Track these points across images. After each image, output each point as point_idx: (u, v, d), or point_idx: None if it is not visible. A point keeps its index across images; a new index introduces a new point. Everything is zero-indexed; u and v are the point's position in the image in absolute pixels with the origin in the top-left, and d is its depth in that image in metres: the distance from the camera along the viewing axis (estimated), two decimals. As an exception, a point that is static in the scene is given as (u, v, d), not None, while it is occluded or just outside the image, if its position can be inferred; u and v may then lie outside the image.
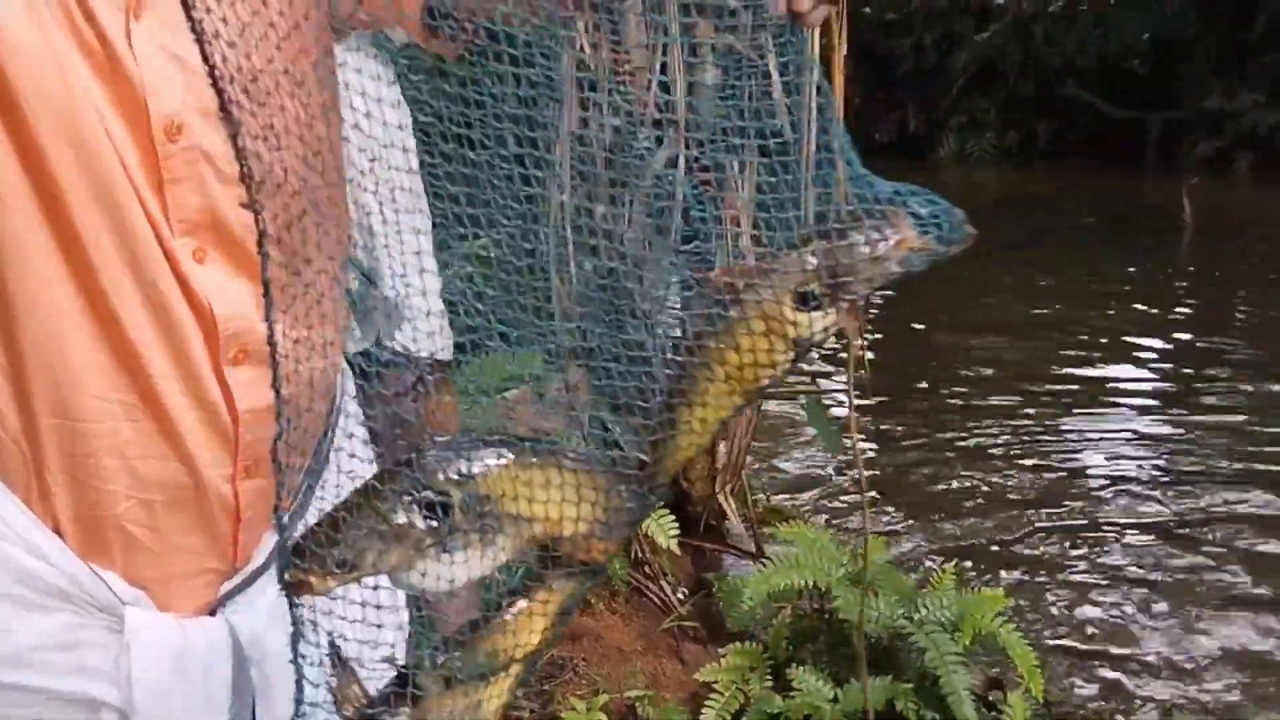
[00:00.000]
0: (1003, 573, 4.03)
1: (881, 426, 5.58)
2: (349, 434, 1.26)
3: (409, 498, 0.88)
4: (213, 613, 1.18)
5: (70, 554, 1.13)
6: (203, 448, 1.11)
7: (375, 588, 1.08)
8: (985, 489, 4.85)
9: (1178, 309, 7.17)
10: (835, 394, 5.53)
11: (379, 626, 1.12)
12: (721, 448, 3.54)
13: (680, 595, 3.30)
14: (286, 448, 1.10)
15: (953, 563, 3.04)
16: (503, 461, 0.93)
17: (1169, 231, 8.66)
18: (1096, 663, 3.50)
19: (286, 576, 0.86)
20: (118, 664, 1.15)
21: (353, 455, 1.24)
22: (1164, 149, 14.53)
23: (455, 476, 0.89)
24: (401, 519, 0.88)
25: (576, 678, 2.79)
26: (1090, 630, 3.70)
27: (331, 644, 1.05)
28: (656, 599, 3.24)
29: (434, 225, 1.33)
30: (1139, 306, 7.16)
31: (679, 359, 1.02)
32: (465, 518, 0.88)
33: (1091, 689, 3.39)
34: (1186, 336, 6.81)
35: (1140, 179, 12.95)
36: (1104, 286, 7.57)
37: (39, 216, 1.03)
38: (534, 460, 0.94)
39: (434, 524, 0.88)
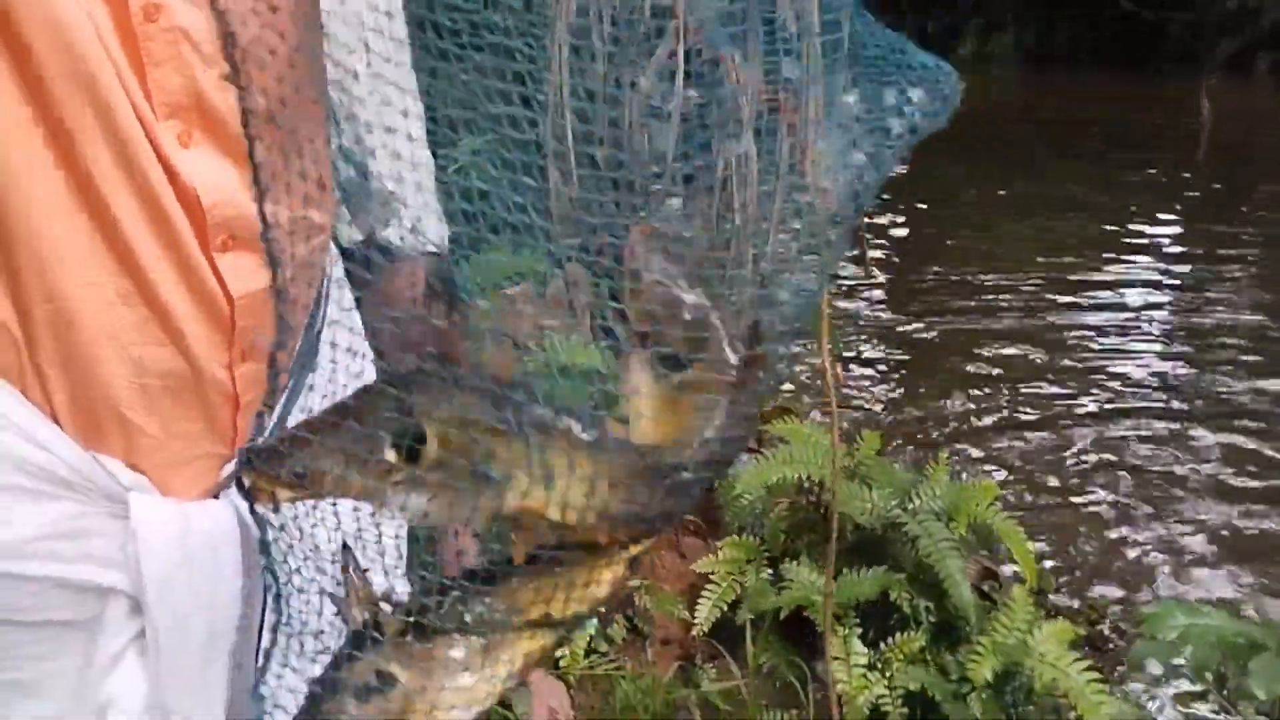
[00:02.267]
0: (997, 465, 4.06)
1: (886, 314, 5.61)
2: (335, 320, 1.27)
3: (384, 429, 0.84)
4: (216, 496, 1.19)
5: (71, 442, 1.13)
6: (198, 334, 1.11)
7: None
8: (986, 378, 4.89)
9: (1191, 207, 7.14)
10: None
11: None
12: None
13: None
14: (281, 342, 1.12)
15: (945, 454, 3.06)
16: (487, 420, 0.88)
17: (1187, 131, 8.59)
18: (1092, 553, 3.54)
19: (243, 478, 0.84)
20: (124, 550, 1.16)
21: (338, 346, 1.26)
22: (1184, 49, 14.32)
23: (439, 420, 0.86)
24: (370, 450, 0.84)
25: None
26: (1086, 521, 3.74)
27: (345, 546, 1.06)
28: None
29: (430, 120, 1.33)
30: (1153, 203, 7.14)
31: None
32: (438, 466, 0.85)
33: (1086, 579, 3.43)
34: (1200, 231, 6.80)
35: (1160, 79, 12.79)
36: (1120, 182, 7.55)
37: (23, 105, 1.03)
38: (529, 433, 0.90)
39: (404, 462, 0.84)
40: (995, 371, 4.98)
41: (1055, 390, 4.82)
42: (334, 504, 1.12)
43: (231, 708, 1.23)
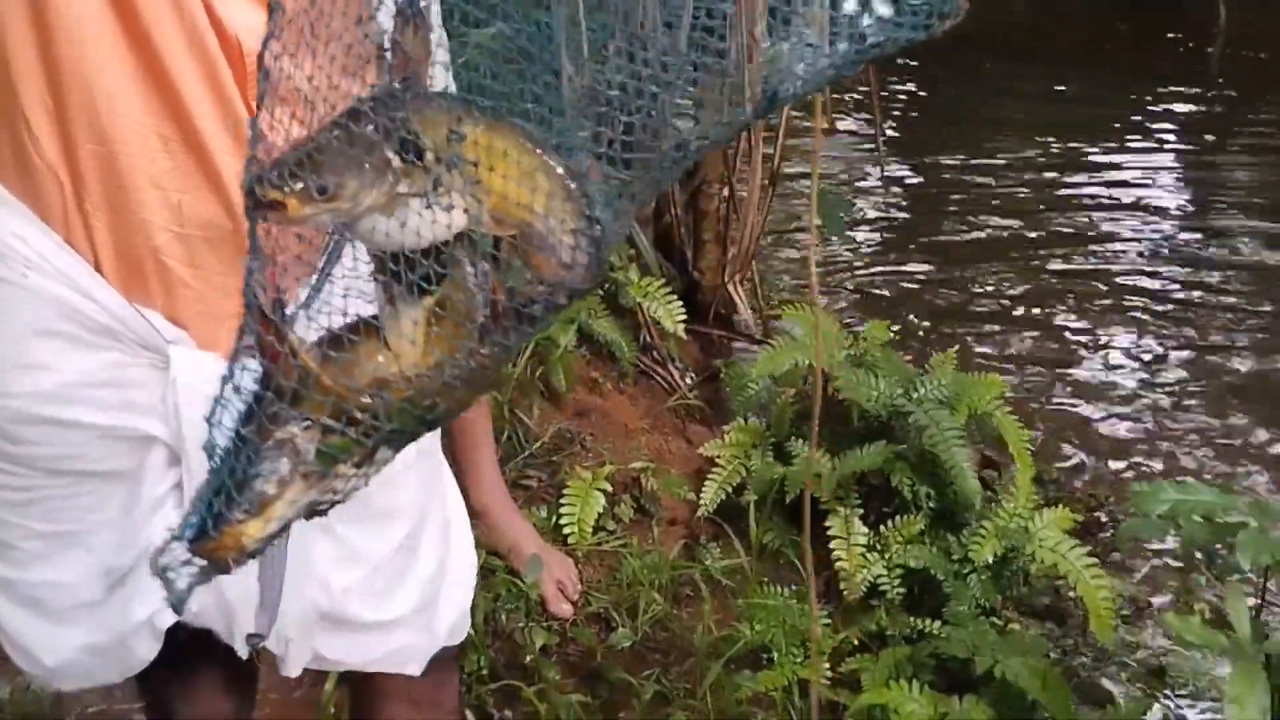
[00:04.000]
0: (1007, 361, 4.10)
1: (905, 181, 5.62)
2: None
3: (391, 132, 0.80)
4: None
5: (114, 292, 1.18)
6: (237, 185, 1.17)
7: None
8: (995, 256, 4.92)
9: (1200, 115, 7.09)
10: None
11: None
12: (733, 236, 3.60)
13: (689, 380, 3.39)
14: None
15: (953, 348, 3.11)
16: (480, 128, 0.84)
17: (1202, 41, 8.47)
18: (1090, 449, 3.59)
19: (257, 191, 0.77)
20: (164, 400, 1.22)
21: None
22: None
23: (447, 130, 0.83)
24: (384, 153, 0.80)
25: (583, 451, 2.89)
26: (1086, 413, 3.79)
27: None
28: (664, 383, 3.32)
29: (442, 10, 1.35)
30: (1161, 109, 7.08)
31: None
32: (443, 172, 0.81)
33: (1084, 474, 3.48)
34: (1208, 140, 6.78)
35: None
36: (1129, 87, 7.48)
37: None
38: (526, 144, 0.86)
39: (411, 166, 0.81)
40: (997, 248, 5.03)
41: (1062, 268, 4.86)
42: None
43: (263, 562, 1.29)
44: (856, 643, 2.48)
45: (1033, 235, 5.19)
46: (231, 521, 0.84)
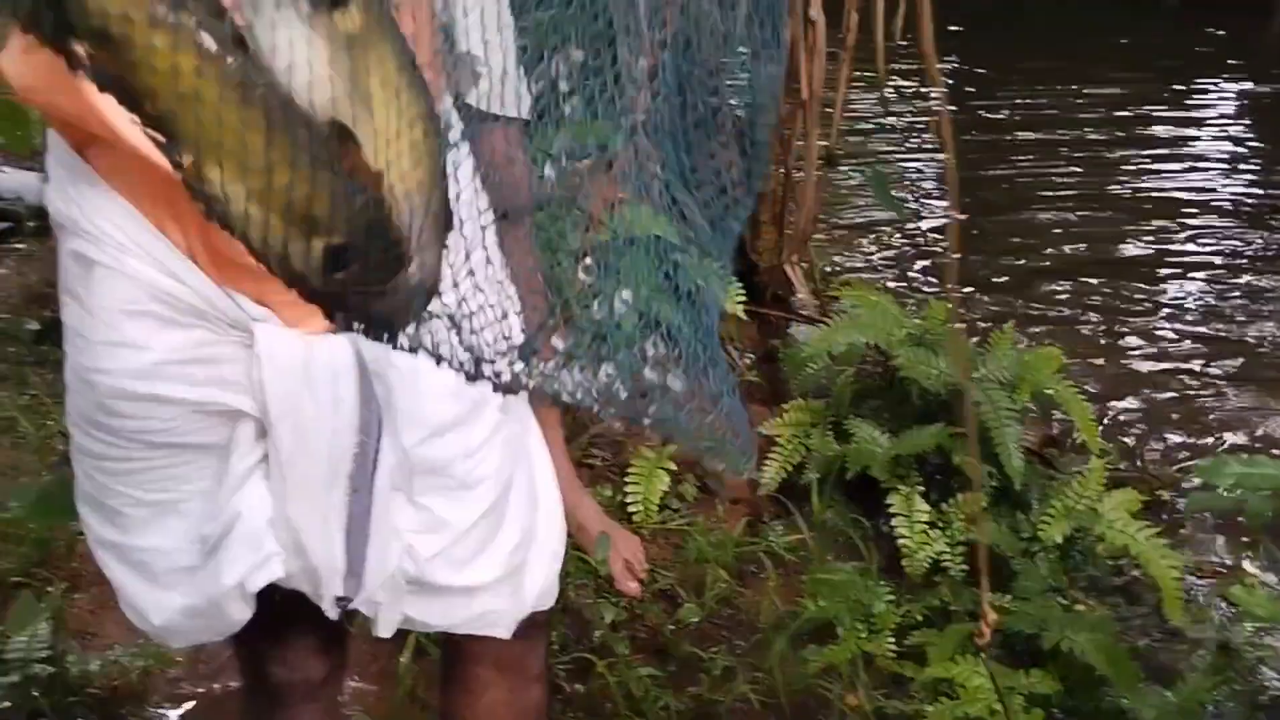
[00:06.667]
0: (1064, 334, 4.08)
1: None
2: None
3: None
4: (336, 330, 1.28)
5: (202, 275, 1.23)
6: None
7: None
8: (1051, 236, 4.88)
9: (1258, 86, 7.04)
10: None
11: None
12: (789, 219, 3.61)
13: (747, 360, 3.41)
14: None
15: (1010, 324, 3.10)
16: None
17: (1259, 13, 8.39)
18: (1153, 426, 3.58)
19: None
20: (251, 376, 1.26)
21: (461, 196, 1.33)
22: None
23: None
24: None
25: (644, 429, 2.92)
26: (1154, 392, 3.77)
27: None
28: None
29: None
30: (1216, 81, 7.04)
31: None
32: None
33: (1152, 449, 3.47)
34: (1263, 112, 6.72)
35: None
36: (1180, 56, 7.44)
37: None
38: None
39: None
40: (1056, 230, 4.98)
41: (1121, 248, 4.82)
42: None
43: (349, 528, 1.33)
44: (921, 618, 2.50)
45: (1090, 209, 5.16)
46: None
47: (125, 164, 1.20)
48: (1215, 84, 7.06)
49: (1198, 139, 6.06)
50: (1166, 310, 4.35)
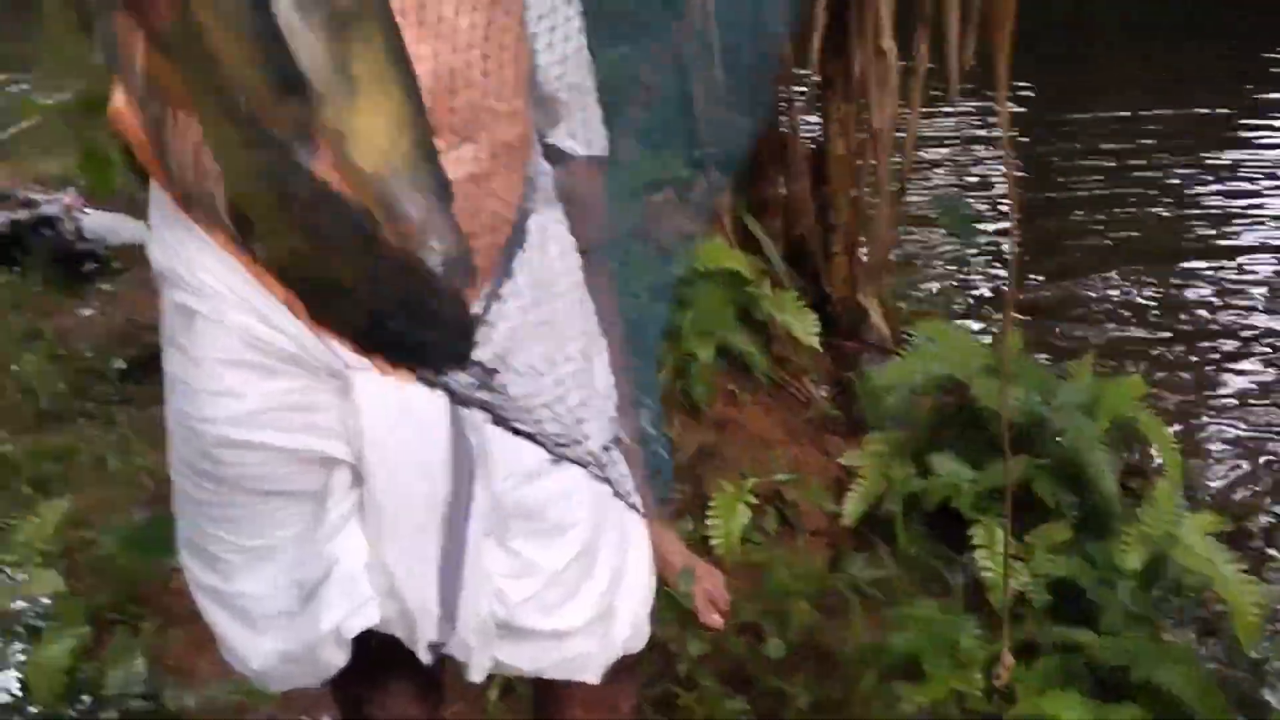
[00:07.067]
0: (1145, 364, 4.03)
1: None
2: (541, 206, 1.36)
3: None
4: (429, 381, 1.30)
5: (299, 323, 1.26)
6: None
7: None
8: (1125, 254, 4.82)
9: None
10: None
11: None
12: (863, 249, 3.61)
13: (822, 392, 3.41)
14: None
15: (1090, 354, 3.08)
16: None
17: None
18: (1236, 456, 3.52)
19: None
20: (345, 423, 1.29)
21: (547, 230, 1.35)
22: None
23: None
24: None
25: (724, 463, 2.93)
26: (1234, 423, 3.72)
27: None
28: (798, 394, 3.35)
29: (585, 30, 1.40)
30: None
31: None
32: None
33: (1232, 481, 3.42)
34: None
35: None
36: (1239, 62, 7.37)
37: None
38: None
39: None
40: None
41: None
42: None
43: (442, 573, 1.35)
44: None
45: (1163, 235, 5.10)
46: None
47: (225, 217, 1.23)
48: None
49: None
50: (1250, 341, 4.28)
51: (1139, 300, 4.58)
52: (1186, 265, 4.86)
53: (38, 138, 5.89)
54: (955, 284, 4.70)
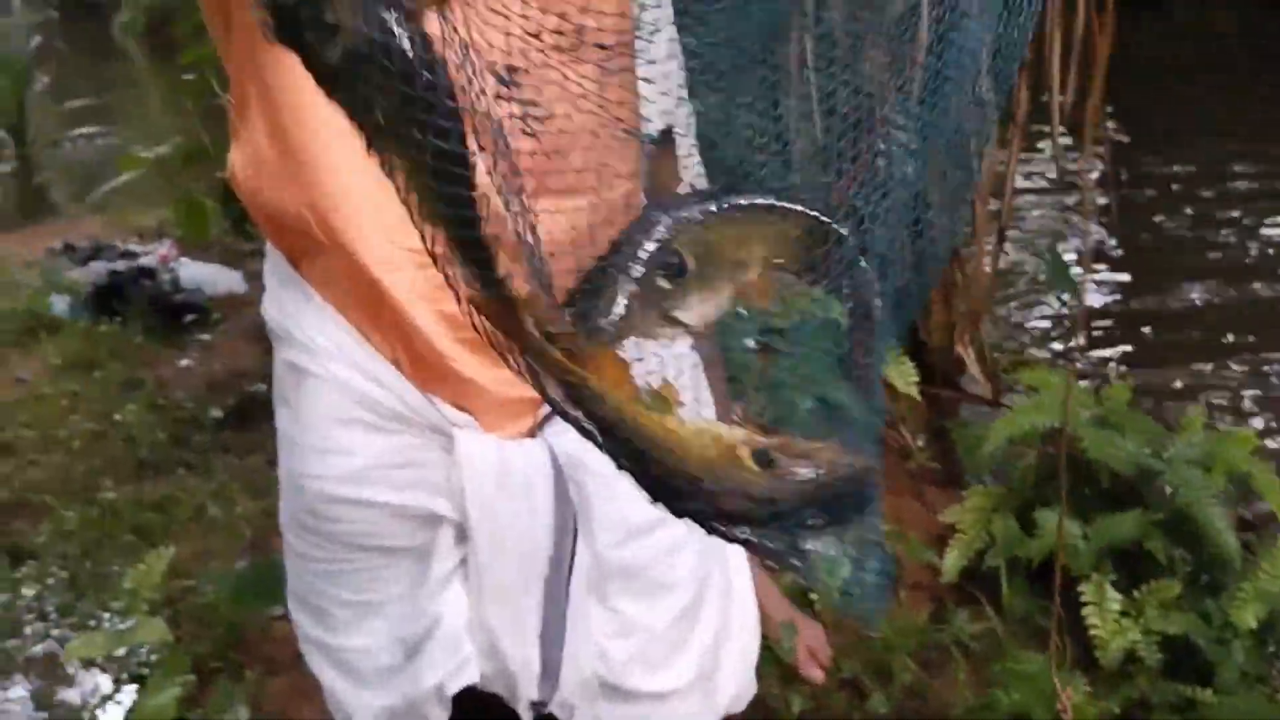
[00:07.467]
0: (1253, 416, 3.93)
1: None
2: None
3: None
4: (533, 435, 1.30)
5: (405, 381, 1.26)
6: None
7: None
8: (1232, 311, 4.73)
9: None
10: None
11: None
12: (960, 298, 3.56)
13: (919, 442, 3.36)
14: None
15: (1200, 404, 3.00)
16: None
17: None
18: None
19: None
20: (450, 480, 1.29)
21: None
22: None
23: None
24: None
25: (823, 515, 2.88)
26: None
27: None
28: (895, 444, 3.31)
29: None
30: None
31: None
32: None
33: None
34: None
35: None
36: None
37: None
38: None
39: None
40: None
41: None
42: None
43: (544, 632, 1.34)
44: (1118, 711, 2.40)
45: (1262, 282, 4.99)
46: None
47: (335, 275, 1.24)
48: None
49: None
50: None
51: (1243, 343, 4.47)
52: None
53: (132, 189, 6.08)
54: (1055, 332, 4.62)
